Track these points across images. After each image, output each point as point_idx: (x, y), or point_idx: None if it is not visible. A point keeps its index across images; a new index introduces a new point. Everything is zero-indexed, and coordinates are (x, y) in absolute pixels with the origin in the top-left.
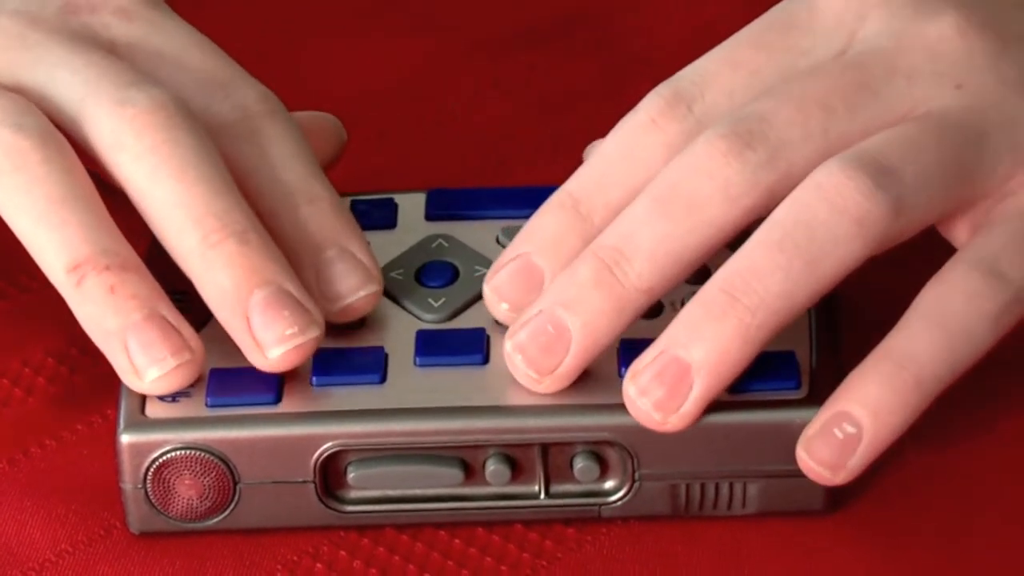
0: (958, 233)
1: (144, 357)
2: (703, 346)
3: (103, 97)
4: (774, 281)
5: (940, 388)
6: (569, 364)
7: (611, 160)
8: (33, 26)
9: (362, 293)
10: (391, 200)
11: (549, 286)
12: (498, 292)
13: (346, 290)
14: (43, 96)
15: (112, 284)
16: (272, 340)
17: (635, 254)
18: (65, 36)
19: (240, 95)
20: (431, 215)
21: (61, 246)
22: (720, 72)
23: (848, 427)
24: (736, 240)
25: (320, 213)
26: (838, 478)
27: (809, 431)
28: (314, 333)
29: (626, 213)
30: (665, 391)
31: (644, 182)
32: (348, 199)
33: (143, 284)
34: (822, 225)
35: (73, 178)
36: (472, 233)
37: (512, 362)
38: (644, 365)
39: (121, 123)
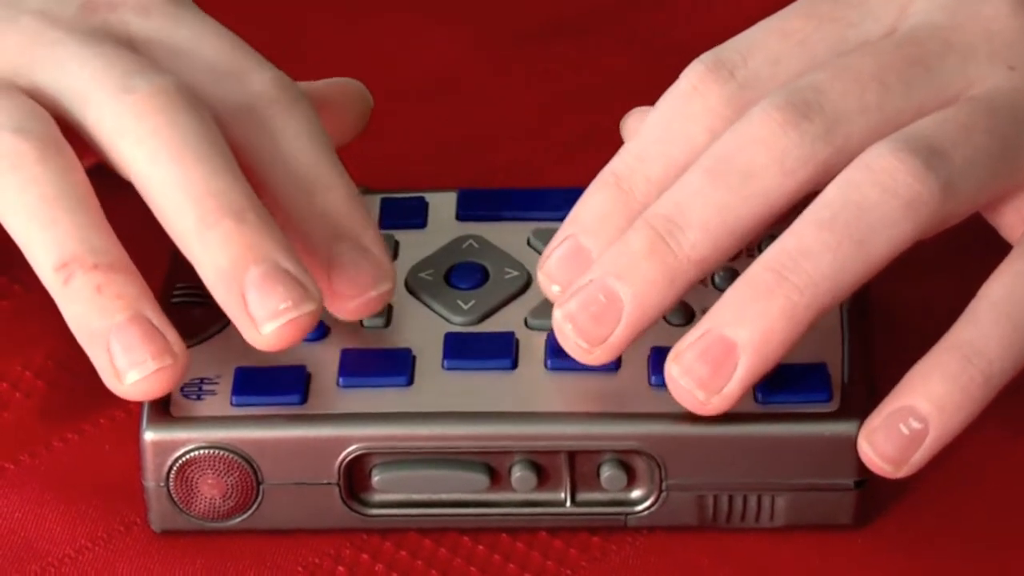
0: (1005, 218)
1: (125, 359)
2: (749, 325)
3: (107, 85)
4: (823, 261)
5: (1006, 381)
6: (620, 334)
7: (651, 133)
8: (52, 24)
9: (373, 293)
10: (422, 199)
11: (600, 256)
12: (550, 276)
13: (358, 289)
14: (54, 91)
15: (99, 283)
16: (265, 315)
17: (688, 224)
18: (82, 33)
19: (254, 82)
20: (462, 215)
21: (51, 244)
22: (767, 40)
23: (914, 423)
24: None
25: (332, 204)
26: (900, 472)
27: (872, 422)
28: (309, 308)
29: (680, 183)
30: (709, 370)
31: (683, 153)
32: (379, 196)
33: (130, 285)
34: (872, 206)
35: (69, 178)
36: (503, 234)
37: (562, 332)
38: (688, 344)
39: (123, 109)
